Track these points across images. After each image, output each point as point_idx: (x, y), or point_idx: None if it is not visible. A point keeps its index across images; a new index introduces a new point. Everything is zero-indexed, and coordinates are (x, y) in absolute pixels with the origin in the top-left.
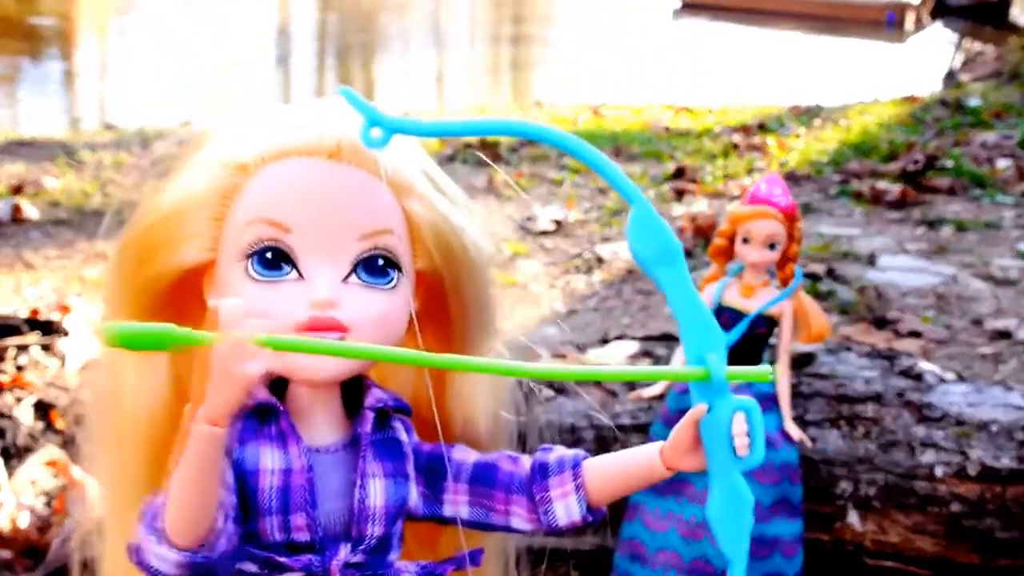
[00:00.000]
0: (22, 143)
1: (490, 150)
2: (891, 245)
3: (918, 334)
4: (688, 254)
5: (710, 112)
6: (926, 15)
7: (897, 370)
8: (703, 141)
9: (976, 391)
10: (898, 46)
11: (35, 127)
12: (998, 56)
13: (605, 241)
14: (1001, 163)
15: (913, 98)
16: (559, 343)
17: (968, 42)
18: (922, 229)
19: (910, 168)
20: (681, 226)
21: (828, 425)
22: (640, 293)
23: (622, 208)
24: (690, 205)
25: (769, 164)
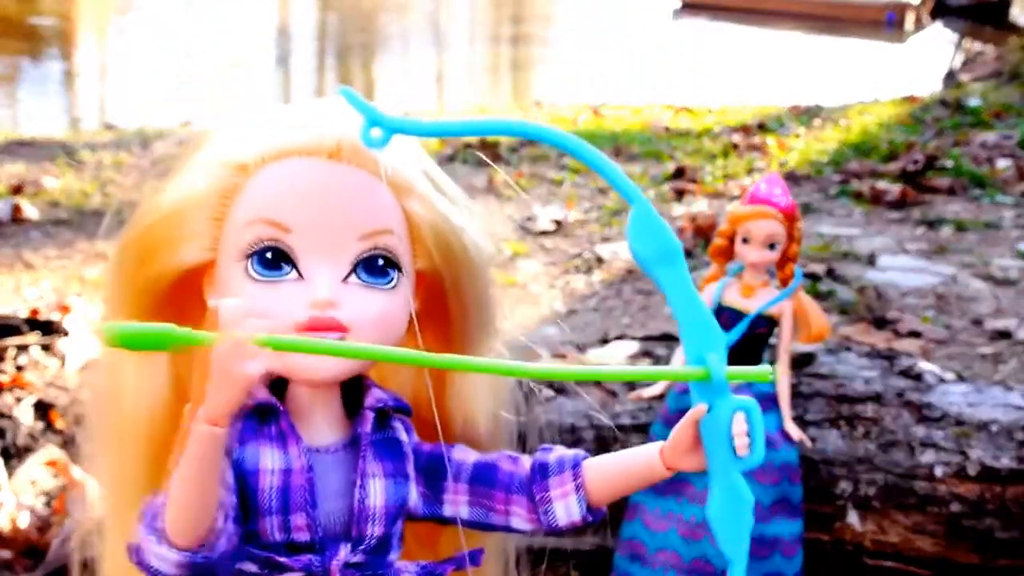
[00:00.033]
0: (22, 143)
1: (490, 150)
2: (891, 245)
3: (918, 334)
4: (688, 254)
5: (710, 112)
6: (926, 15)
7: (897, 370)
8: (703, 141)
9: (976, 391)
10: (898, 46)
11: (35, 127)
12: (998, 56)
13: (605, 241)
14: (1001, 163)
15: (913, 98)
16: (559, 343)
17: (968, 42)
18: (922, 229)
19: (910, 168)
20: (681, 226)
21: (828, 425)
22: (640, 293)
23: (622, 208)
24: (690, 205)
25: (769, 164)
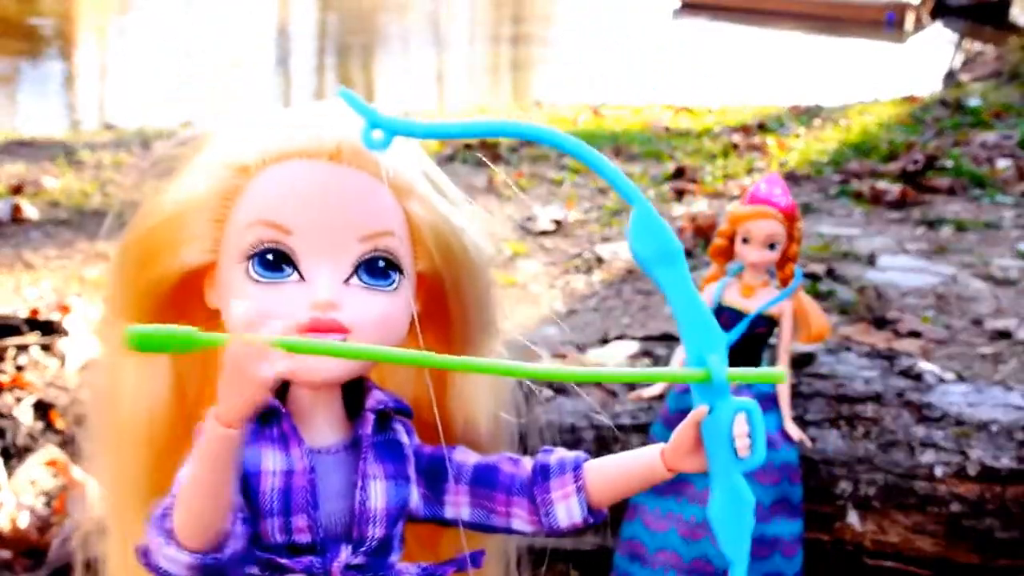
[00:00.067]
0: (22, 143)
1: (490, 150)
2: (891, 245)
3: (918, 334)
4: (688, 254)
5: (710, 112)
6: (926, 15)
7: (897, 370)
8: (703, 141)
9: (976, 391)
10: (898, 46)
11: (35, 127)
12: (998, 56)
13: (605, 241)
14: (1001, 163)
15: (913, 98)
16: (559, 343)
17: (968, 42)
18: (922, 229)
19: (910, 168)
20: (681, 226)
21: (828, 425)
22: (640, 293)
23: (622, 208)
24: (690, 205)
25: (769, 164)
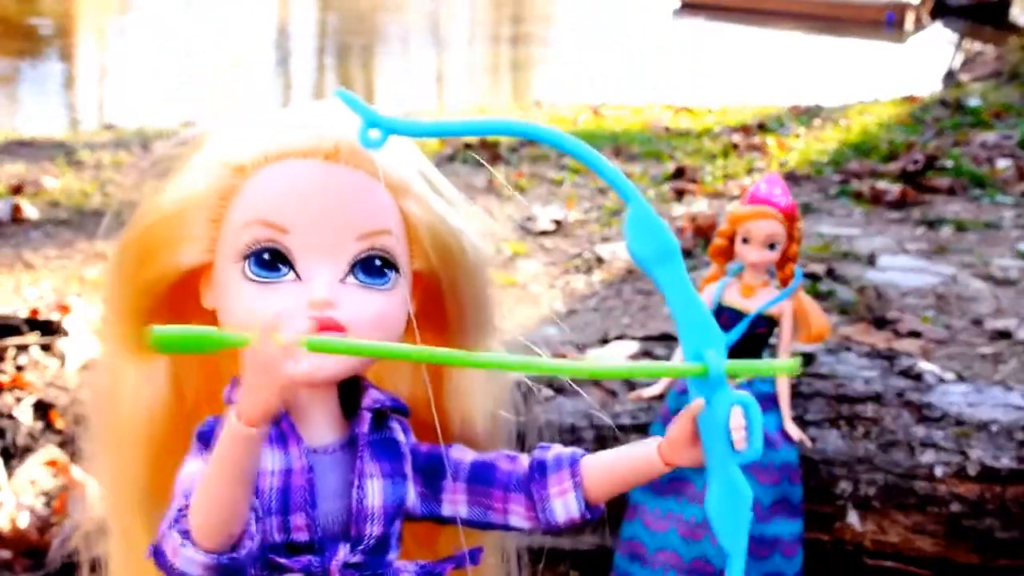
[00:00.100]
0: (22, 143)
1: (490, 150)
2: (891, 245)
3: (918, 334)
4: (688, 254)
5: (710, 112)
6: (926, 15)
7: (897, 370)
8: (703, 141)
9: (976, 391)
10: (898, 46)
11: (35, 127)
12: (998, 56)
13: (605, 241)
14: (1001, 163)
15: (913, 98)
16: (559, 343)
17: (968, 42)
18: (922, 229)
19: (910, 168)
20: (681, 226)
21: (828, 425)
22: (640, 293)
23: (622, 208)
24: (690, 205)
25: (769, 164)
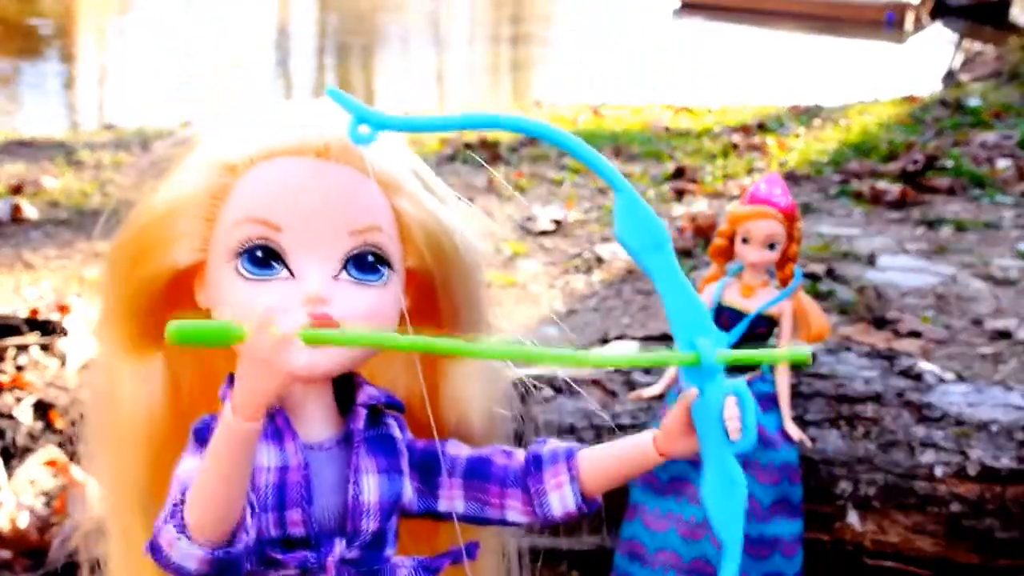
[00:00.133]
0: (22, 143)
1: (490, 150)
2: (891, 245)
3: (918, 334)
4: (688, 254)
5: (710, 112)
6: (926, 15)
7: (897, 370)
8: (703, 141)
9: (976, 391)
10: (898, 46)
11: (35, 127)
12: (998, 56)
13: (605, 241)
14: (1001, 163)
15: (913, 98)
16: (559, 343)
17: (968, 42)
18: (922, 229)
19: (910, 168)
20: (681, 226)
21: (828, 425)
22: (640, 293)
23: None
24: (690, 205)
25: (769, 164)
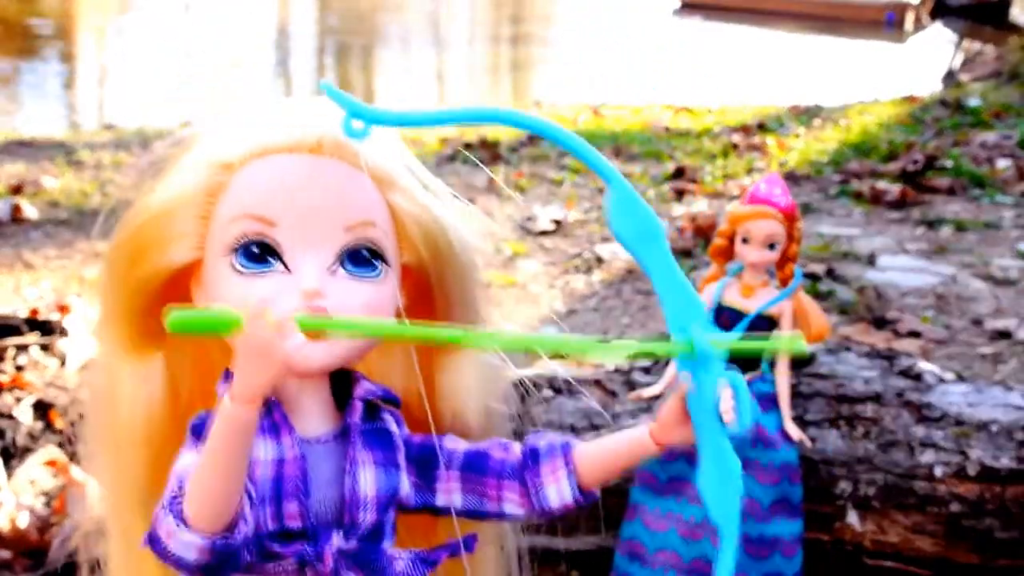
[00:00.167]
0: (22, 143)
1: (490, 150)
2: (891, 245)
3: (918, 334)
4: (688, 254)
5: (710, 112)
6: (926, 15)
7: (897, 370)
8: (703, 141)
9: (976, 391)
10: (898, 46)
11: (35, 127)
12: (998, 56)
13: (605, 241)
14: (1001, 163)
15: (913, 98)
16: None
17: (968, 42)
18: (922, 229)
19: (910, 168)
20: (681, 226)
21: (828, 425)
22: (640, 293)
23: None
24: (690, 205)
25: (769, 164)
